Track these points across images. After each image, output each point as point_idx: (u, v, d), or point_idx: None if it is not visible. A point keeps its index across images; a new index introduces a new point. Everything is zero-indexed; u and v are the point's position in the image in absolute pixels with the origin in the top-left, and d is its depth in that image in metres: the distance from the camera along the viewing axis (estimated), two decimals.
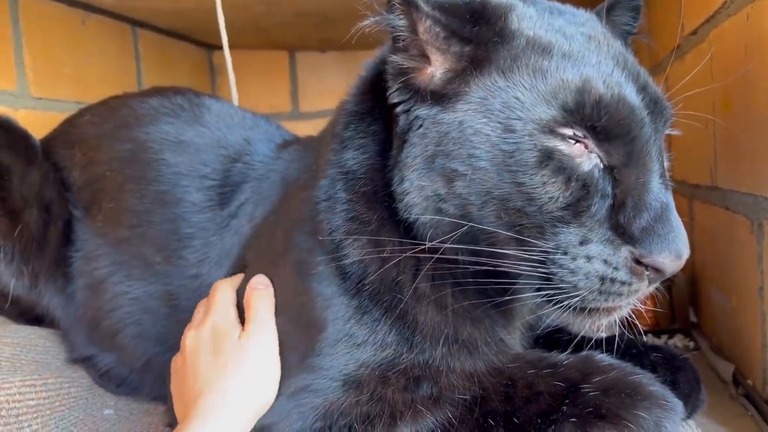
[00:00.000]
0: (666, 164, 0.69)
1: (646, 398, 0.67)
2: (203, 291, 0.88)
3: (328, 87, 2.09)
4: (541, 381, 0.70)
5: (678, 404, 0.68)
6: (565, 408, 0.67)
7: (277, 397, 0.72)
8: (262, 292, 0.77)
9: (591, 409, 0.66)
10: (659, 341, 1.12)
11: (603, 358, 0.72)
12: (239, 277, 0.83)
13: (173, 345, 0.91)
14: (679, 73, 1.18)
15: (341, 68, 2.09)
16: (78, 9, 1.46)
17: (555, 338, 0.84)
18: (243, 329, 0.74)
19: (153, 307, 0.93)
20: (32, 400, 0.86)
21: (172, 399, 0.80)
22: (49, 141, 1.10)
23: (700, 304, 1.16)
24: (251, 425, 0.70)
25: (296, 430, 0.70)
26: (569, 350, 0.74)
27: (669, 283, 1.15)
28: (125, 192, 0.97)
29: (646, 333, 1.14)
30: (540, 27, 0.65)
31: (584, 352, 0.73)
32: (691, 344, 1.11)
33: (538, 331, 0.83)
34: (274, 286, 0.78)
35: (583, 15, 0.71)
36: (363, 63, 0.79)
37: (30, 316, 1.02)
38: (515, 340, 0.78)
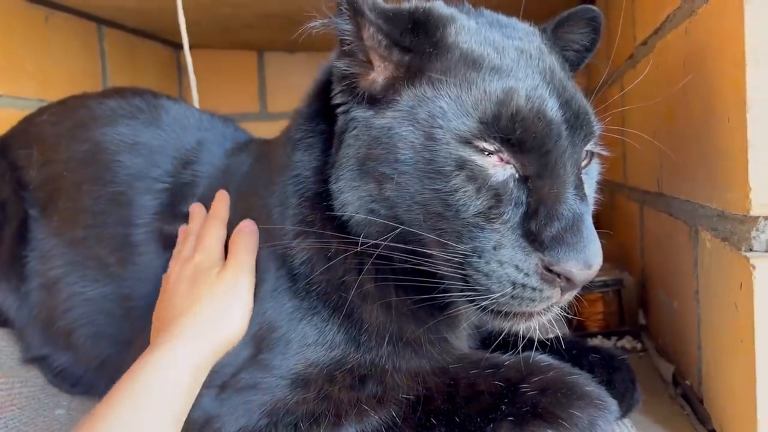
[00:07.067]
0: (596, 177, 0.71)
1: (582, 398, 0.69)
2: (156, 296, 0.88)
3: (297, 87, 2.04)
4: (483, 381, 0.73)
5: (612, 403, 0.70)
6: (503, 407, 0.70)
7: (226, 389, 0.73)
8: (247, 235, 0.80)
9: (528, 408, 0.69)
10: (609, 343, 1.15)
11: (543, 359, 0.75)
12: (225, 207, 0.86)
13: (129, 344, 0.92)
14: (632, 81, 1.21)
15: (310, 69, 2.06)
16: (41, 6, 1.45)
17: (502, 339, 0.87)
18: (222, 267, 0.79)
19: (108, 308, 0.93)
20: None
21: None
22: (6, 139, 1.10)
23: (648, 307, 1.19)
24: (217, 356, 0.74)
25: (241, 426, 0.71)
26: (513, 351, 0.76)
27: (619, 287, 1.19)
28: (82, 192, 0.97)
29: (595, 335, 1.17)
30: (475, 40, 0.66)
31: (525, 353, 0.75)
32: (639, 346, 1.14)
33: (482, 331, 0.86)
34: None
35: (524, 29, 0.73)
36: (319, 65, 0.81)
37: None
38: (461, 340, 0.81)
